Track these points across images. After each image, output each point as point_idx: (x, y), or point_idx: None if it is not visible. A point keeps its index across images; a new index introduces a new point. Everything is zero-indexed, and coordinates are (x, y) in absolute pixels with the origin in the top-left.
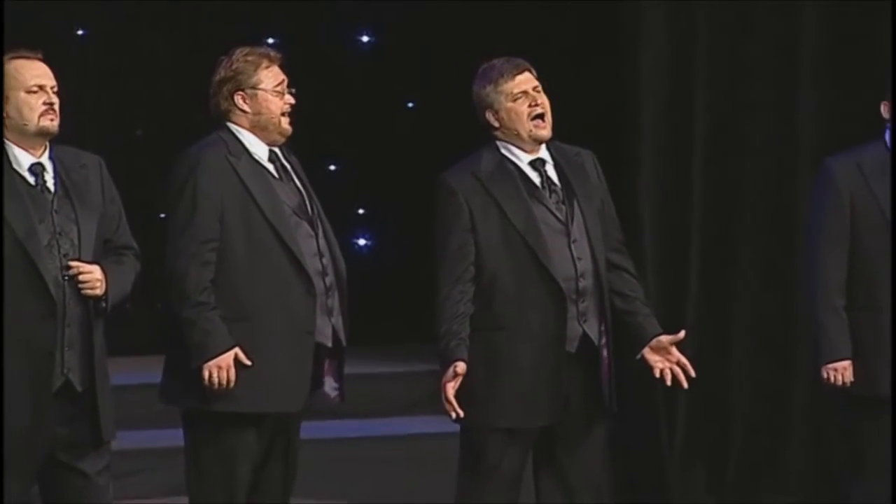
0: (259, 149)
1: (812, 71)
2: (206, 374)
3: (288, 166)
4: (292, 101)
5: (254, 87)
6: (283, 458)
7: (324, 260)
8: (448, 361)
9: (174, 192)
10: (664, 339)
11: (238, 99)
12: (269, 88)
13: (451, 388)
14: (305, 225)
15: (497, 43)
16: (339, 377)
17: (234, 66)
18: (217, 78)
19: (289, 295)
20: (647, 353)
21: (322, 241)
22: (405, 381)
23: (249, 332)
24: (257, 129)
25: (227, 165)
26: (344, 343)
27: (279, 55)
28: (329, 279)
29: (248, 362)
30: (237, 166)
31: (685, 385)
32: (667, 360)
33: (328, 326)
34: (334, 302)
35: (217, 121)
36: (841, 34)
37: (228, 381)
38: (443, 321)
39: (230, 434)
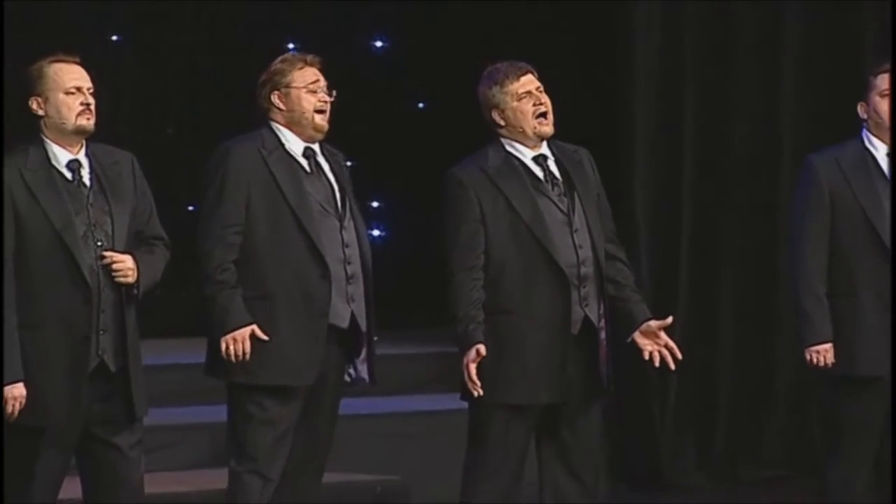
0: (295, 145)
1: (793, 75)
2: (223, 347)
3: (323, 162)
4: (326, 98)
5: (287, 86)
6: (314, 431)
7: (347, 250)
8: (469, 344)
9: (206, 181)
10: (653, 323)
11: (275, 98)
12: (302, 86)
13: (473, 369)
14: (332, 217)
15: (499, 50)
16: (371, 362)
17: (272, 69)
18: (260, 80)
19: (306, 279)
20: (637, 337)
21: (348, 233)
22: (415, 361)
23: (268, 310)
24: (293, 125)
25: (259, 158)
26: (363, 328)
27: (317, 59)
28: (352, 268)
29: (265, 337)
30: (268, 159)
31: (673, 367)
32: (655, 343)
33: (347, 311)
34: (356, 289)
35: (261, 119)
36: (819, 40)
37: (244, 353)
38: (459, 306)
39: (254, 404)
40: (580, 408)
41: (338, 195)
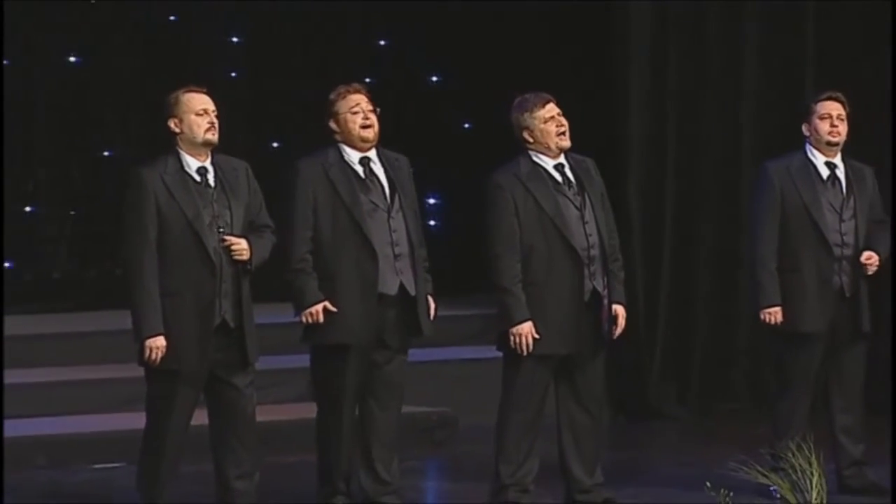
0: (353, 156)
1: (753, 100)
2: (304, 319)
3: (377, 168)
4: (369, 115)
5: (337, 114)
6: (388, 375)
7: (395, 235)
8: (521, 318)
9: (286, 190)
10: (617, 308)
11: (332, 123)
12: (346, 111)
13: (530, 338)
14: (381, 210)
15: (523, 86)
16: (421, 318)
17: (329, 101)
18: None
19: (359, 260)
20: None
21: (395, 222)
22: (462, 321)
23: (333, 287)
24: (347, 142)
25: (322, 171)
26: (412, 293)
27: (360, 86)
28: (399, 249)
29: (335, 309)
30: (329, 171)
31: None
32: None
33: (396, 281)
34: (403, 265)
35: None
36: (771, 71)
37: (319, 322)
38: (504, 279)
39: (325, 361)
40: (588, 357)
41: (387, 192)
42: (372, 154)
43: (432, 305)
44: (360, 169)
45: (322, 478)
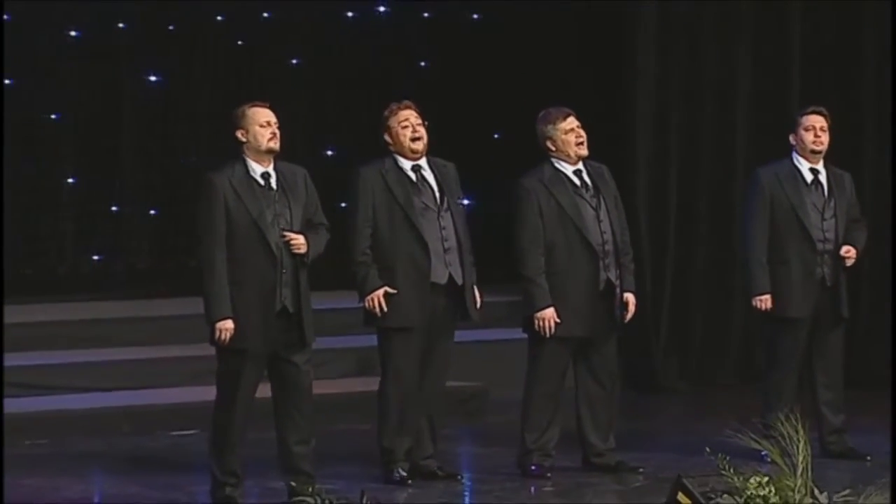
0: (405, 164)
1: (745, 113)
2: (367, 304)
3: (427, 173)
4: (418, 129)
5: (389, 128)
6: (439, 353)
7: (444, 231)
8: (545, 304)
9: (349, 193)
10: (627, 296)
11: (386, 136)
12: (397, 125)
13: (553, 322)
14: (432, 210)
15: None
16: (467, 304)
17: (383, 116)
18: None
19: (413, 253)
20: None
21: (444, 220)
22: (493, 306)
23: (392, 276)
24: (399, 153)
25: (380, 176)
26: (459, 283)
27: (409, 103)
28: (447, 243)
29: (394, 291)
30: (386, 176)
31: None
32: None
33: (445, 272)
34: (452, 257)
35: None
36: (762, 90)
37: (380, 307)
38: (530, 270)
39: (390, 341)
40: (603, 339)
41: (437, 195)
42: (422, 162)
43: (478, 294)
44: (412, 175)
45: (383, 442)
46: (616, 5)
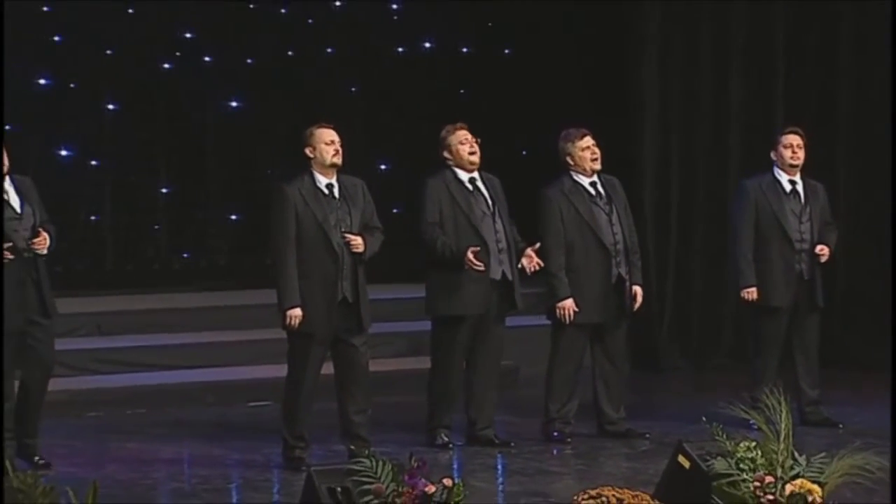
0: (463, 176)
1: (739, 132)
2: (470, 258)
3: (481, 185)
4: (473, 146)
5: (449, 145)
6: (491, 340)
7: (498, 235)
8: (565, 296)
9: (417, 198)
10: (636, 288)
11: (445, 153)
12: (456, 143)
13: (572, 312)
14: (489, 216)
15: (560, 119)
16: (515, 297)
17: (441, 136)
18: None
19: (477, 253)
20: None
21: (498, 224)
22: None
23: (458, 273)
24: (458, 166)
25: (444, 185)
26: (510, 278)
27: (462, 123)
28: (500, 245)
29: (477, 248)
30: (449, 185)
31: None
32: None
33: (499, 269)
34: (504, 257)
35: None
36: (750, 108)
37: (478, 262)
38: (552, 266)
39: (444, 327)
40: (615, 325)
41: (490, 203)
42: (476, 174)
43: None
44: (469, 185)
45: (431, 414)
46: (621, 40)
